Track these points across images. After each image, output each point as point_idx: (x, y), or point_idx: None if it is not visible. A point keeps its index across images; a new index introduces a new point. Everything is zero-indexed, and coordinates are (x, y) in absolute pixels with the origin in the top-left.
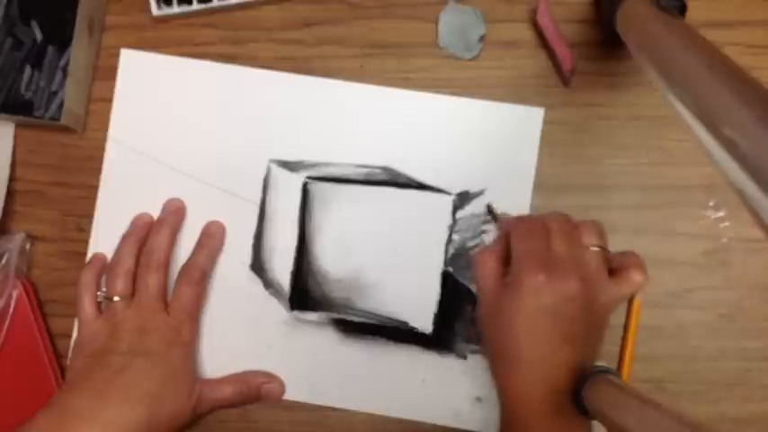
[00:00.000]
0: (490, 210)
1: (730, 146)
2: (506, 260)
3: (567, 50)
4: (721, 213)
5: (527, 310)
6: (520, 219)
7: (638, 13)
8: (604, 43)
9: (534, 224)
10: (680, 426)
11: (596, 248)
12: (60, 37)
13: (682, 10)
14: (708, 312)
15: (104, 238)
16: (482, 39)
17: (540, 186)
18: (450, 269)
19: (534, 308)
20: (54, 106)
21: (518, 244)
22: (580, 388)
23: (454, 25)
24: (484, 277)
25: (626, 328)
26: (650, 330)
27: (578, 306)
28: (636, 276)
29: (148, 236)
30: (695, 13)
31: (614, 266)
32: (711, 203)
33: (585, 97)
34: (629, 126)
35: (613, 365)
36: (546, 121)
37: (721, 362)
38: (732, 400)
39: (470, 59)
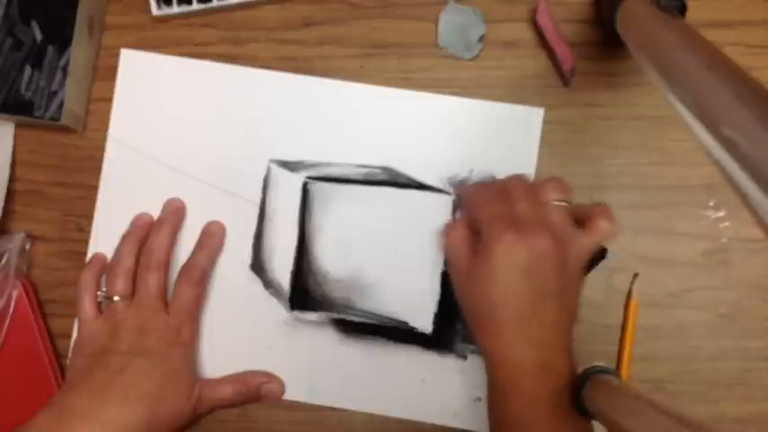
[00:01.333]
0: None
1: (730, 146)
2: (475, 229)
3: (567, 50)
4: (721, 213)
5: (500, 272)
6: (478, 185)
7: (638, 13)
8: (604, 43)
9: (494, 188)
10: (680, 426)
11: (559, 203)
12: (60, 37)
13: (682, 10)
14: (708, 312)
15: (104, 238)
16: (482, 39)
17: None
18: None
19: (507, 269)
20: (54, 106)
21: (481, 210)
22: (580, 388)
23: (454, 25)
24: (454, 247)
25: (624, 328)
26: (650, 330)
27: (551, 261)
28: (603, 224)
29: (148, 236)
30: (695, 13)
31: (581, 217)
32: (711, 203)
33: (585, 97)
34: (629, 126)
35: (612, 365)
36: (546, 121)
37: (721, 362)
38: (732, 400)
39: (470, 59)
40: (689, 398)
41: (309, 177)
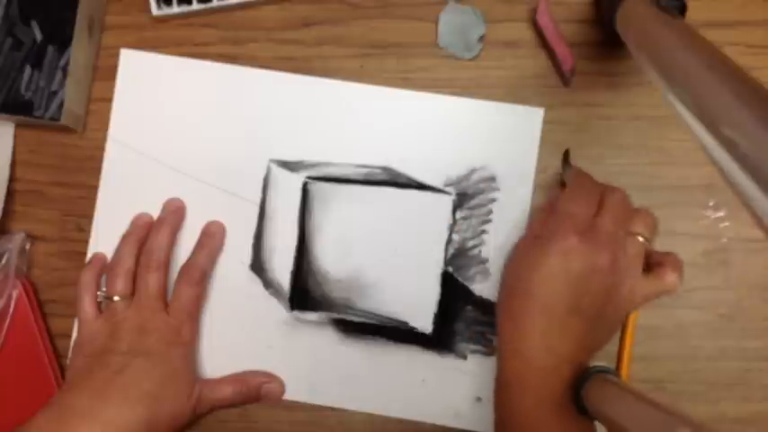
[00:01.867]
0: (566, 157)
1: (730, 146)
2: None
3: (567, 50)
4: (721, 213)
5: (550, 266)
6: (579, 177)
7: (638, 13)
8: (604, 43)
9: (590, 190)
10: (680, 425)
11: (641, 239)
12: (60, 37)
13: (682, 10)
14: (708, 312)
15: (104, 238)
16: (482, 39)
17: (540, 186)
18: (450, 269)
19: (558, 267)
20: (54, 106)
21: (565, 203)
22: (580, 388)
23: (454, 25)
24: (529, 225)
25: (624, 328)
26: (650, 330)
27: (602, 284)
28: (670, 277)
29: (148, 236)
30: (695, 13)
31: (652, 262)
32: (711, 203)
33: (585, 97)
34: (629, 126)
35: (612, 365)
36: (546, 121)
37: (721, 362)
38: (732, 400)
39: (470, 59)
40: (689, 398)
41: (309, 177)
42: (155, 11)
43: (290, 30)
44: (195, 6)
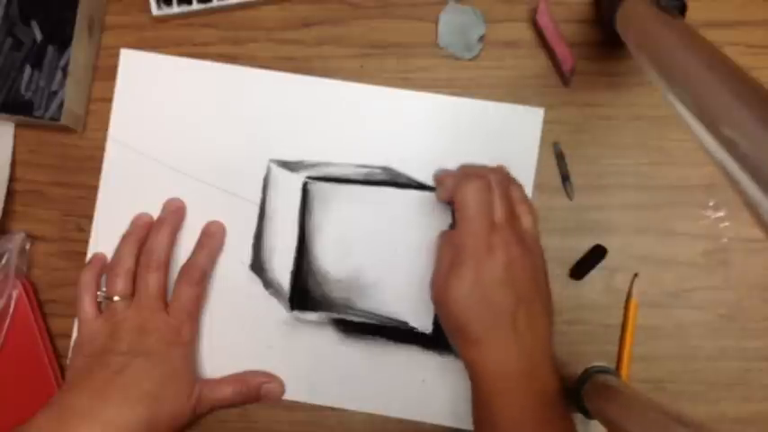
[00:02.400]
0: (560, 152)
1: (730, 146)
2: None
3: (567, 50)
4: (721, 213)
5: (475, 280)
6: (465, 178)
7: (638, 13)
8: (604, 43)
9: (478, 185)
10: (679, 425)
11: (528, 216)
12: (60, 37)
13: (682, 10)
14: (708, 312)
15: (104, 238)
16: (482, 39)
17: (540, 186)
18: None
19: (480, 282)
20: (54, 106)
21: (463, 221)
22: (580, 388)
23: (454, 25)
24: (437, 259)
25: (624, 327)
26: (650, 330)
27: (523, 271)
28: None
29: (148, 236)
30: (695, 13)
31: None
32: (711, 203)
33: (585, 97)
34: (629, 126)
35: (612, 365)
36: (546, 121)
37: (721, 362)
38: (732, 400)
39: (470, 59)
40: (689, 398)
41: (309, 177)
42: (155, 11)
43: (290, 30)
44: (195, 6)
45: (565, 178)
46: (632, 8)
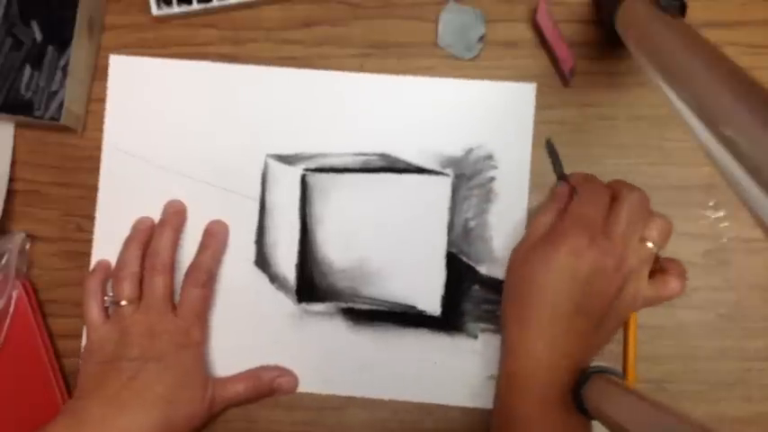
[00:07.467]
0: (551, 147)
1: (730, 146)
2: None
3: (567, 50)
4: (721, 213)
5: (560, 265)
6: (588, 181)
7: (638, 13)
8: (604, 43)
9: (600, 192)
10: (680, 425)
11: (650, 244)
12: (60, 37)
13: (682, 10)
14: (708, 312)
15: (106, 243)
16: (482, 39)
17: (540, 186)
18: (455, 250)
19: (568, 266)
20: (54, 106)
21: (578, 206)
22: (580, 388)
23: (454, 25)
24: (534, 226)
25: (626, 328)
26: (651, 330)
27: (608, 287)
28: (674, 283)
29: (152, 239)
30: (695, 13)
31: (656, 267)
32: (711, 203)
33: (585, 97)
34: (629, 126)
35: (614, 366)
36: (546, 121)
37: (721, 362)
38: (732, 400)
39: (470, 59)
40: (689, 398)
41: (307, 169)
42: (155, 11)
43: (291, 30)
44: (195, 6)
45: (560, 177)
46: (632, 8)
